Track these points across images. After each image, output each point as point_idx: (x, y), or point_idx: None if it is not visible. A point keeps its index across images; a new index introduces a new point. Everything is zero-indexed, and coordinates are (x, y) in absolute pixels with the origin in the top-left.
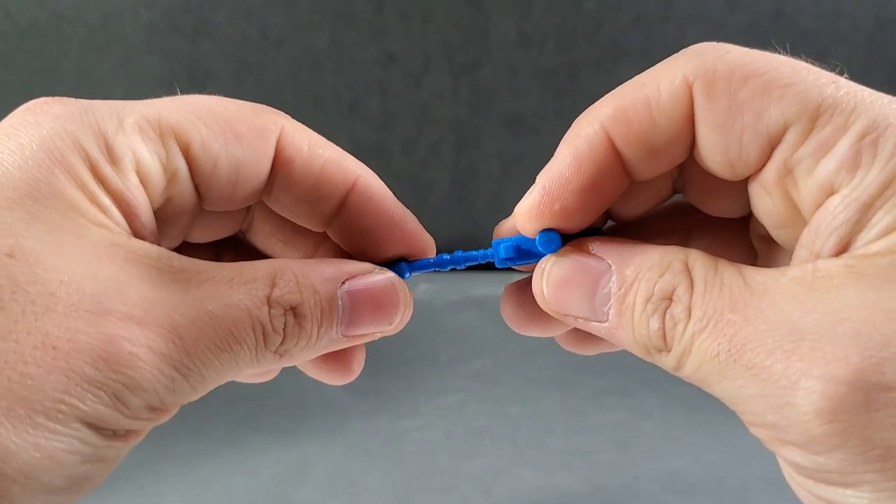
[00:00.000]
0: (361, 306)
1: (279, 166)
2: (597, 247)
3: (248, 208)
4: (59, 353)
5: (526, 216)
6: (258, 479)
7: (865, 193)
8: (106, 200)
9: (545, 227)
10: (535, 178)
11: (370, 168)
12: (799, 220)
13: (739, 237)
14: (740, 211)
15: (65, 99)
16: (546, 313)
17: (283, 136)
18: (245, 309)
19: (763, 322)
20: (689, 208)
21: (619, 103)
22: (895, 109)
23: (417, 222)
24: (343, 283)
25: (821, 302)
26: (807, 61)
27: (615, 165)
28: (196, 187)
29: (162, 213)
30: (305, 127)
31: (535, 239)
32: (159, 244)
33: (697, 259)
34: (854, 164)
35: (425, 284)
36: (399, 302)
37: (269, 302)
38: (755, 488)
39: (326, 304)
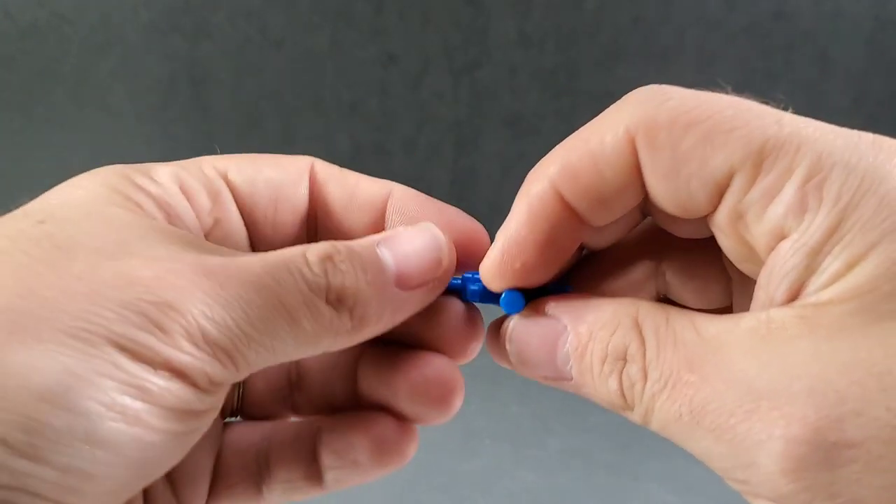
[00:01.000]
0: (403, 253)
1: (316, 190)
2: (552, 307)
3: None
4: (83, 281)
5: (489, 275)
6: None
7: (812, 239)
8: (145, 201)
9: (508, 287)
10: None
11: (370, 168)
12: (757, 257)
13: (712, 255)
14: (708, 233)
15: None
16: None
17: (314, 164)
18: (280, 257)
19: (721, 381)
20: (661, 230)
21: (565, 159)
22: (839, 146)
23: (462, 212)
24: (377, 244)
25: (776, 356)
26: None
27: (569, 219)
28: (243, 217)
29: (216, 237)
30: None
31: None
32: None
33: (648, 314)
34: (801, 208)
35: None
36: (439, 242)
37: (305, 255)
38: None
39: (363, 252)
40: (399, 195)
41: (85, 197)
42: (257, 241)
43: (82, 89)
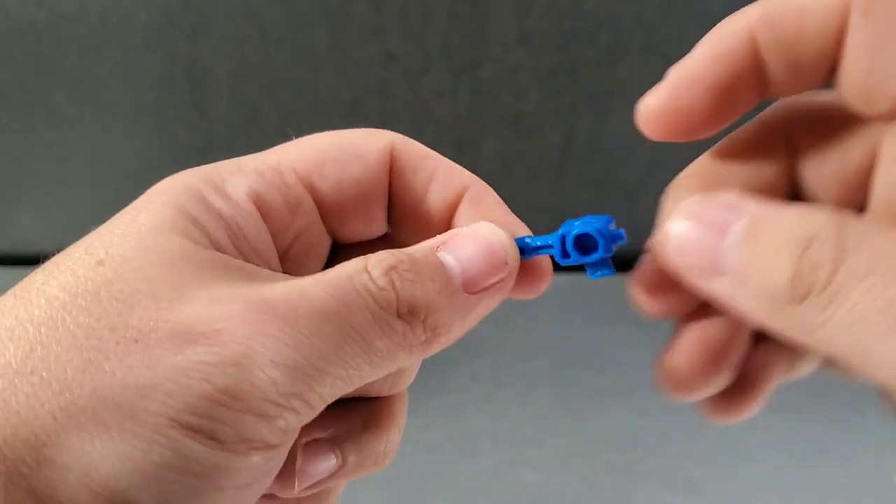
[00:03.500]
0: (465, 255)
1: (395, 179)
2: (732, 196)
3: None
4: (140, 345)
5: (648, 110)
6: None
7: None
8: (212, 224)
9: (662, 131)
10: (535, 178)
11: None
12: None
13: (858, 149)
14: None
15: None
16: (670, 288)
17: (394, 147)
18: (342, 275)
19: None
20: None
21: (770, 7)
22: None
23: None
24: (437, 248)
25: None
26: None
27: (753, 74)
28: (326, 222)
29: (294, 254)
30: (412, 140)
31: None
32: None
33: (852, 216)
34: None
35: None
36: (501, 239)
37: (367, 270)
38: (755, 488)
39: (425, 258)
40: (473, 195)
41: (147, 224)
42: (341, 237)
43: (82, 88)
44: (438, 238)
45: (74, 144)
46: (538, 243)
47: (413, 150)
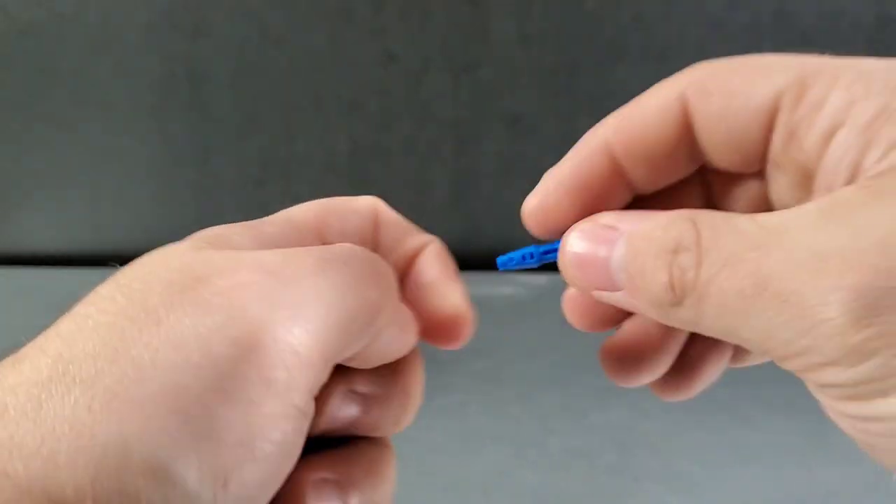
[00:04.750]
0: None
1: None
2: (610, 217)
3: None
4: (162, 327)
5: (530, 216)
6: None
7: (864, 118)
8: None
9: (542, 231)
10: (535, 178)
11: (370, 168)
12: (812, 181)
13: (761, 200)
14: (759, 191)
15: None
16: (600, 306)
17: (378, 213)
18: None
19: (785, 251)
20: (708, 176)
21: (620, 115)
22: (880, 66)
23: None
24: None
25: (842, 224)
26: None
27: (613, 175)
28: None
29: None
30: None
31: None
32: None
33: (705, 214)
34: (849, 103)
35: None
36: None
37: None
38: (755, 488)
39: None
40: (430, 251)
41: (163, 251)
42: None
43: (82, 88)
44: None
45: (74, 144)
46: (520, 256)
47: (390, 212)
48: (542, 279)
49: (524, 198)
